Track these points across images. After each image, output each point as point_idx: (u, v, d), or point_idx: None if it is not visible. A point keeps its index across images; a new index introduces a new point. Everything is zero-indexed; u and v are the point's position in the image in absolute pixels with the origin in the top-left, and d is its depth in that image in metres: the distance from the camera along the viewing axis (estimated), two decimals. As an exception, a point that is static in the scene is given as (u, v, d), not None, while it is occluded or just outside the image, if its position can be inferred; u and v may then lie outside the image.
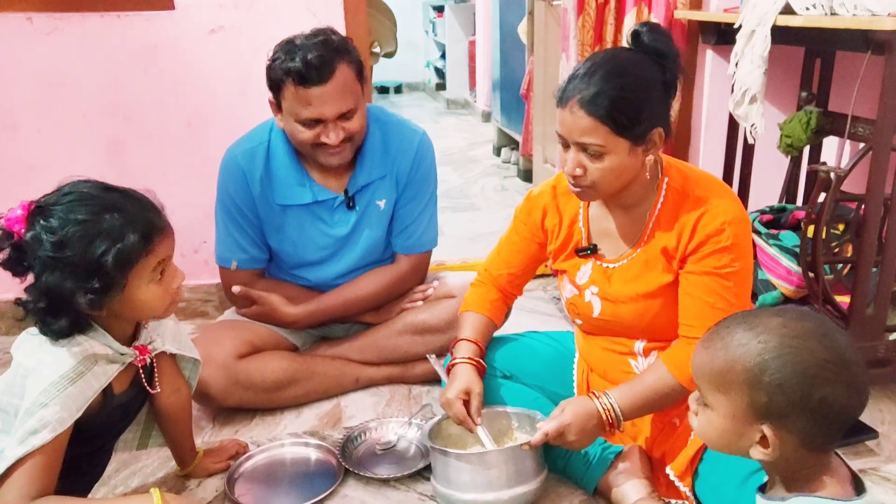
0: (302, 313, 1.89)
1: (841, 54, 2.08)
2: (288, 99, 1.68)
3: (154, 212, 1.26)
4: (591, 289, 1.53)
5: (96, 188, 1.23)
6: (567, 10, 2.58)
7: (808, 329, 0.93)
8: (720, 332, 0.98)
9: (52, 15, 2.19)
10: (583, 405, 1.40)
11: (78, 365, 1.21)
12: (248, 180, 1.82)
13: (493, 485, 1.40)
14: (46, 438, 1.17)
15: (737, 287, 1.38)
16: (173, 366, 1.49)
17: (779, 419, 0.92)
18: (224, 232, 1.88)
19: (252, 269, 1.92)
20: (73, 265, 1.16)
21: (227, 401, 1.83)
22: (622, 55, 1.37)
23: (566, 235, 1.57)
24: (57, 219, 1.17)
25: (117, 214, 1.19)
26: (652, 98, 1.33)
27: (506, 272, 1.67)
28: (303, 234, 1.88)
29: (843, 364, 0.91)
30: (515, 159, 4.50)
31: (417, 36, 8.15)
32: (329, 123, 1.69)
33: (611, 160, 1.32)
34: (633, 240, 1.48)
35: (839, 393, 0.90)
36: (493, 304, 1.67)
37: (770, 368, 0.91)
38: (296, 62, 1.62)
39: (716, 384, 0.96)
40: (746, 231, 1.41)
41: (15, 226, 1.18)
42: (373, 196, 1.89)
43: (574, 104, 1.30)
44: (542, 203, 1.59)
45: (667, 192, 1.43)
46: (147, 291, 1.24)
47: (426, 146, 1.93)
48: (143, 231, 1.21)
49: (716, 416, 0.98)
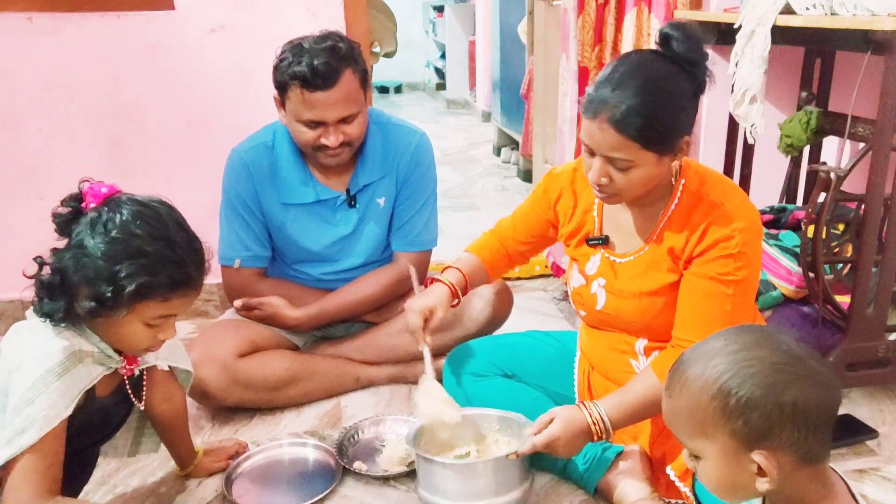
0: (304, 317, 1.90)
1: (841, 54, 2.08)
2: (292, 100, 1.71)
3: (198, 270, 1.25)
4: (599, 280, 1.53)
5: (170, 216, 1.24)
6: (567, 10, 2.59)
7: (750, 340, 0.92)
8: (674, 376, 0.96)
9: (52, 15, 2.19)
10: (572, 416, 1.39)
11: (64, 360, 1.19)
12: (253, 177, 1.85)
13: (479, 493, 1.40)
14: (34, 438, 1.16)
15: (736, 296, 1.36)
16: (166, 373, 1.47)
17: (766, 440, 0.89)
18: (228, 229, 1.89)
19: (255, 268, 1.92)
20: (103, 263, 1.16)
21: (227, 400, 1.83)
22: (654, 66, 1.30)
23: (579, 222, 1.57)
24: (121, 217, 1.18)
25: (168, 251, 1.20)
26: (684, 109, 1.31)
27: (512, 237, 1.69)
28: (306, 232, 1.90)
29: (796, 361, 0.90)
30: (515, 159, 4.50)
31: (417, 36, 8.15)
32: (330, 127, 1.73)
33: (638, 172, 1.32)
34: (643, 237, 1.48)
35: (806, 390, 0.88)
36: (491, 252, 1.71)
37: (731, 390, 0.89)
38: (302, 66, 1.65)
39: (693, 430, 0.94)
40: (757, 240, 1.39)
41: (91, 197, 1.20)
42: (373, 195, 1.92)
43: (604, 121, 1.27)
44: (560, 184, 1.59)
45: (682, 193, 1.42)
46: (135, 331, 1.23)
47: (424, 146, 1.96)
48: (176, 280, 1.20)
49: (709, 464, 0.94)
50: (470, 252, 1.72)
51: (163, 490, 1.60)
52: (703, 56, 1.31)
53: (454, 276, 1.65)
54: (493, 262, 1.71)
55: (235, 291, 1.91)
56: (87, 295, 1.17)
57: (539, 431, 1.39)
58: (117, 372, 1.31)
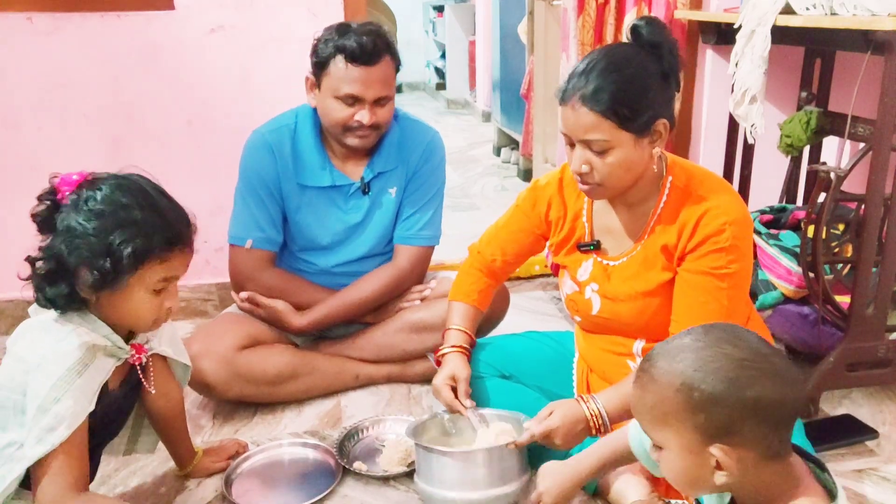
0: (308, 324, 1.91)
1: (841, 54, 2.08)
2: (332, 75, 1.76)
3: (187, 228, 1.28)
4: (592, 286, 1.53)
5: (150, 185, 1.27)
6: (567, 10, 2.58)
7: (716, 336, 0.93)
8: (644, 368, 0.97)
9: (53, 15, 2.19)
10: (571, 409, 1.40)
11: (82, 357, 1.21)
12: (275, 156, 1.88)
13: (476, 483, 1.40)
14: (65, 435, 1.17)
15: (731, 289, 1.37)
16: (165, 369, 1.48)
17: (728, 435, 0.90)
18: (243, 209, 1.90)
19: (265, 251, 1.92)
20: (95, 238, 1.17)
21: (227, 393, 1.83)
22: (618, 50, 1.40)
23: (569, 229, 1.57)
24: (102, 192, 1.20)
25: (156, 214, 1.22)
26: (651, 88, 1.33)
27: (500, 258, 1.68)
28: (318, 217, 1.93)
29: (760, 358, 0.91)
30: (515, 159, 4.50)
31: (417, 36, 8.15)
32: (366, 104, 1.78)
33: (616, 154, 1.33)
34: (633, 237, 1.48)
35: (768, 386, 0.89)
36: (481, 294, 1.69)
37: (695, 383, 0.90)
38: (351, 41, 1.74)
39: (657, 420, 0.95)
40: (747, 233, 1.41)
41: (64, 186, 1.22)
42: (386, 184, 1.96)
43: (576, 101, 1.32)
44: (548, 195, 1.59)
45: (670, 190, 1.43)
46: (142, 300, 1.25)
47: (436, 144, 2.05)
48: (170, 239, 1.23)
49: (671, 455, 0.96)
50: (458, 301, 1.68)
51: (162, 490, 1.60)
52: (666, 39, 1.35)
53: (457, 337, 1.63)
54: (481, 300, 1.69)
55: (242, 276, 1.91)
56: (88, 273, 1.18)
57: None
58: (125, 363, 1.33)
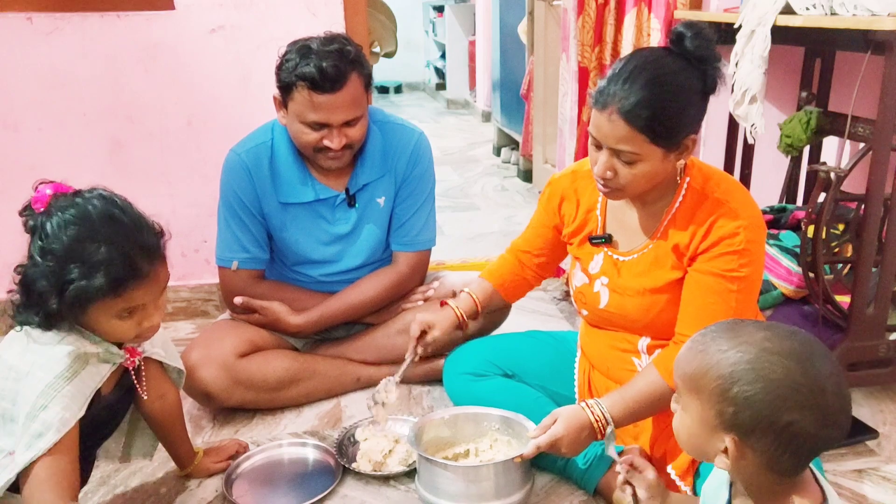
0: (306, 323, 1.90)
1: (841, 54, 2.08)
2: (297, 101, 1.70)
3: (147, 259, 1.21)
4: (602, 279, 1.53)
5: (101, 212, 1.19)
6: (567, 11, 2.59)
7: (790, 348, 0.89)
8: (705, 336, 0.96)
9: (52, 15, 2.19)
10: (575, 416, 1.39)
11: (72, 363, 1.20)
12: (252, 177, 1.84)
13: (481, 496, 1.40)
14: (52, 441, 1.16)
15: (740, 293, 1.37)
16: (159, 371, 1.47)
17: (744, 434, 0.90)
18: (226, 231, 1.89)
19: (252, 270, 1.91)
20: (49, 273, 1.16)
21: (228, 400, 1.83)
22: (664, 61, 1.32)
23: (582, 221, 1.57)
24: (51, 225, 1.17)
25: (103, 249, 1.16)
26: (690, 105, 1.31)
27: (526, 251, 1.71)
28: (305, 232, 1.90)
29: (818, 391, 0.87)
30: (515, 159, 4.50)
31: (417, 36, 8.15)
32: (334, 129, 1.72)
33: (643, 167, 1.32)
34: (647, 234, 1.48)
35: (809, 420, 0.86)
36: (504, 279, 1.72)
37: (741, 380, 0.88)
38: (311, 68, 1.65)
39: (690, 386, 0.95)
40: (761, 238, 1.40)
41: (37, 204, 1.21)
42: (373, 194, 1.92)
43: (613, 111, 1.29)
44: (561, 188, 1.60)
45: (687, 191, 1.42)
46: (113, 325, 1.23)
47: (423, 146, 1.96)
48: (117, 277, 1.16)
49: (688, 418, 0.96)
50: (484, 278, 1.73)
51: (163, 490, 1.60)
52: (713, 55, 1.32)
53: (465, 302, 1.68)
54: (508, 284, 1.72)
55: (233, 294, 1.91)
56: (53, 297, 1.17)
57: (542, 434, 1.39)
58: (119, 366, 1.32)
